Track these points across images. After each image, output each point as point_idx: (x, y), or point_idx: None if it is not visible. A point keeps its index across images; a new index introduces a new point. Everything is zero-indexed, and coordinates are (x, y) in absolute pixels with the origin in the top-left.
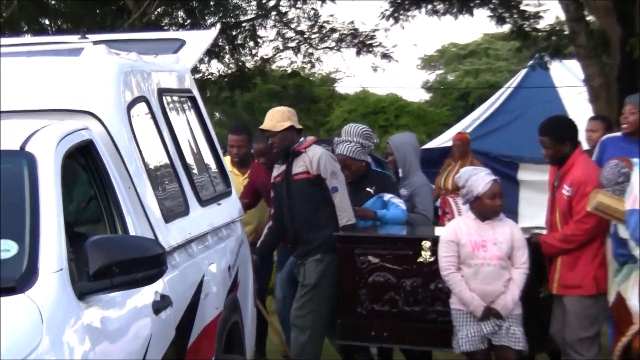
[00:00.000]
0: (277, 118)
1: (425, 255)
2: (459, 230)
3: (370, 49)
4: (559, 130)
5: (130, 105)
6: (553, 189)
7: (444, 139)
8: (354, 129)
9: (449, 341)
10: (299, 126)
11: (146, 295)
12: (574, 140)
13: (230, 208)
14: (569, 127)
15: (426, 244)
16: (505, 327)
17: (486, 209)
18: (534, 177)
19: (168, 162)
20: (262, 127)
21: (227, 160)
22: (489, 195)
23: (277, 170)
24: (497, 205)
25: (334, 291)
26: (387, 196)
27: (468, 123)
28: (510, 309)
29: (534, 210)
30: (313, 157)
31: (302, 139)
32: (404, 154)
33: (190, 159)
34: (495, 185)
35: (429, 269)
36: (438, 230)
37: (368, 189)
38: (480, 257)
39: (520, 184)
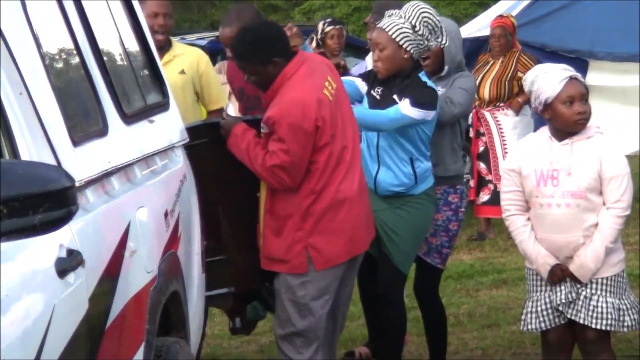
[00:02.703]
0: None
1: None
2: (523, 154)
3: None
4: (259, 47)
5: None
6: None
7: (478, 26)
8: (414, 8)
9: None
10: None
11: (46, 249)
12: (284, 52)
13: (167, 127)
14: (272, 37)
15: None
16: (584, 297)
17: (561, 120)
18: (611, 81)
19: (78, 58)
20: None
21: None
22: (564, 99)
23: None
24: (576, 113)
25: None
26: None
27: (514, 2)
28: (591, 269)
29: (610, 128)
30: None
31: None
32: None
33: (109, 55)
34: (573, 85)
35: None
36: None
37: (395, 97)
38: (547, 193)
39: (592, 91)
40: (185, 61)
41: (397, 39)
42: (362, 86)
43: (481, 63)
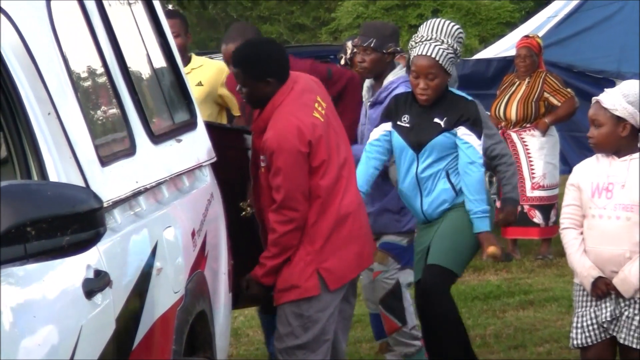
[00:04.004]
0: None
1: None
2: (584, 168)
3: None
4: (258, 61)
5: None
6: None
7: (505, 46)
8: (448, 27)
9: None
10: None
11: (74, 270)
12: (279, 74)
13: (195, 146)
14: (271, 56)
15: None
16: (626, 317)
17: None
18: None
19: (106, 77)
20: None
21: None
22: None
23: None
24: (589, 137)
25: None
26: (461, 131)
27: (541, 22)
28: (634, 285)
29: None
30: None
31: None
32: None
33: (137, 74)
34: (591, 108)
35: None
36: None
37: (437, 120)
38: (600, 205)
39: None
40: (204, 73)
41: (445, 66)
42: (387, 127)
43: (507, 84)
